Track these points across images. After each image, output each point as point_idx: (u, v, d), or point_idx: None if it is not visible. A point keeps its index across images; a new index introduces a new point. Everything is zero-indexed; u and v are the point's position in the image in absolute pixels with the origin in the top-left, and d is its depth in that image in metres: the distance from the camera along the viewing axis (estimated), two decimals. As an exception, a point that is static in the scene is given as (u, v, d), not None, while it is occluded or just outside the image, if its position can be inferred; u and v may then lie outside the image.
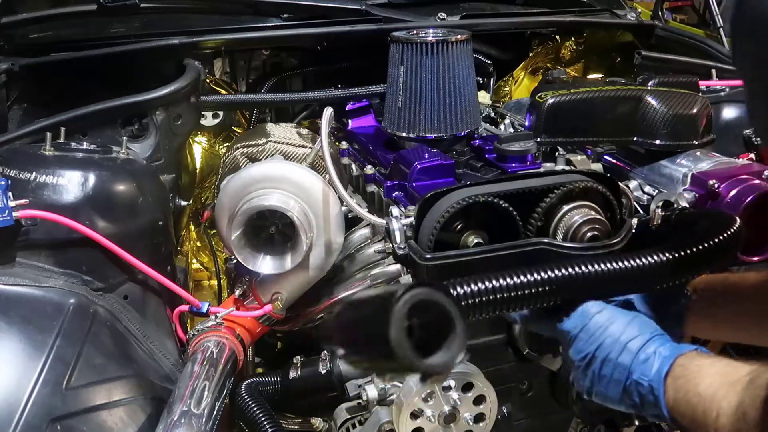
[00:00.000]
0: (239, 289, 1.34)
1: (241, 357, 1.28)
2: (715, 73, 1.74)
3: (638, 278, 0.88)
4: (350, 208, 1.25)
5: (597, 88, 1.36)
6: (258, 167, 1.30)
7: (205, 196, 1.89)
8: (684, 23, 3.69)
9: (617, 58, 2.12)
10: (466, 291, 0.84)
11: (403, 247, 1.06)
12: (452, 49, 1.36)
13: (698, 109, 1.32)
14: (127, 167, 1.28)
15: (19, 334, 1.03)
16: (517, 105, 1.67)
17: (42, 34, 1.63)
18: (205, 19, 1.71)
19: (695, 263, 0.90)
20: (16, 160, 1.21)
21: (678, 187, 1.25)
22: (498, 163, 1.28)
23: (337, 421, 1.23)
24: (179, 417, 1.02)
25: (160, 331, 1.28)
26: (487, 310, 0.85)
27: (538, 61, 2.16)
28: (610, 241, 0.96)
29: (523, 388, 1.22)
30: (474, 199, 1.03)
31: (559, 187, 1.07)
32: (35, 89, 1.53)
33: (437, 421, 1.10)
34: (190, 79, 1.48)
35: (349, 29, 1.69)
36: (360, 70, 1.81)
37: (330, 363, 1.29)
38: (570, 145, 1.36)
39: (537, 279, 0.86)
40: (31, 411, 0.95)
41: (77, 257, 1.18)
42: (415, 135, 1.38)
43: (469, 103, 1.39)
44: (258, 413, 1.21)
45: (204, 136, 1.92)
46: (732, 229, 0.93)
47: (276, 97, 1.75)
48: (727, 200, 1.16)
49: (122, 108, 1.40)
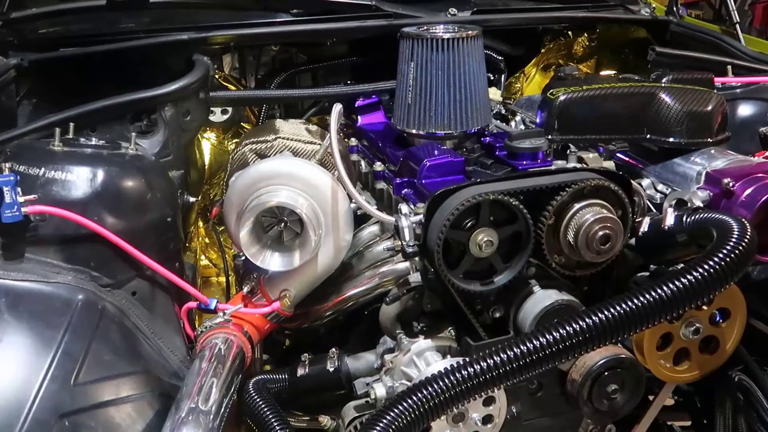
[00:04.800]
0: (247, 286, 1.34)
1: (249, 354, 1.27)
2: (731, 70, 1.71)
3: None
4: (359, 205, 1.24)
5: (609, 84, 1.34)
6: (267, 164, 1.30)
7: (214, 193, 1.89)
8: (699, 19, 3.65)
9: (630, 54, 2.10)
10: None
11: (413, 245, 1.06)
12: (463, 45, 1.34)
13: (713, 106, 1.31)
14: (135, 163, 1.28)
15: (27, 329, 1.03)
16: (528, 102, 1.66)
17: (51, 30, 1.64)
18: (215, 15, 1.70)
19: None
20: (25, 156, 1.21)
21: (692, 186, 1.24)
22: (508, 161, 1.26)
23: (345, 420, 1.22)
24: (187, 414, 1.01)
25: (168, 328, 1.27)
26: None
27: (550, 58, 2.15)
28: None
29: (533, 388, 1.21)
30: (484, 196, 1.02)
31: (570, 184, 1.06)
32: (44, 85, 1.53)
33: (446, 419, 1.09)
34: (199, 74, 1.47)
35: (359, 25, 1.68)
36: (370, 66, 1.81)
37: (338, 361, 1.29)
38: (582, 143, 1.35)
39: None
40: (39, 406, 0.96)
41: (86, 253, 1.18)
42: (425, 132, 1.37)
43: (479, 99, 1.38)
44: (266, 411, 1.20)
45: (213, 132, 1.92)
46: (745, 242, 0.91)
47: (285, 93, 1.74)
48: (741, 199, 1.14)
49: (131, 104, 1.40)
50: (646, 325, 0.91)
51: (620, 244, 1.07)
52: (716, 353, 1.16)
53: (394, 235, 1.18)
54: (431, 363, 1.12)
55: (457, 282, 1.06)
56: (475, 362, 0.88)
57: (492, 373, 0.87)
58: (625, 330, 0.90)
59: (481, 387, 0.88)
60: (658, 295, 0.88)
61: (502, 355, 0.87)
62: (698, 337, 1.14)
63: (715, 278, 0.88)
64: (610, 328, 0.88)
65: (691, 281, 0.88)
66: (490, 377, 0.87)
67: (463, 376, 0.87)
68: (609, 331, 0.89)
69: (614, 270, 1.15)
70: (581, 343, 0.88)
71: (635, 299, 0.88)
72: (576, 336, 0.87)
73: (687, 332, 1.13)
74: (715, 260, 0.89)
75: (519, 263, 1.08)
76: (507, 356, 0.87)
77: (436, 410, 0.88)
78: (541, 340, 0.87)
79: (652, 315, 0.89)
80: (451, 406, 0.88)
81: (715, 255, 0.89)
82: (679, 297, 0.88)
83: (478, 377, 0.87)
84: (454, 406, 0.89)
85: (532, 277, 1.11)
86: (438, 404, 0.87)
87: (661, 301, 0.88)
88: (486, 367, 0.87)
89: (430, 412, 0.87)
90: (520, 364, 0.87)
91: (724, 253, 0.89)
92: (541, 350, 0.87)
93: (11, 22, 1.60)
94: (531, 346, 0.87)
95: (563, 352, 0.87)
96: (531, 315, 1.08)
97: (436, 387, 0.87)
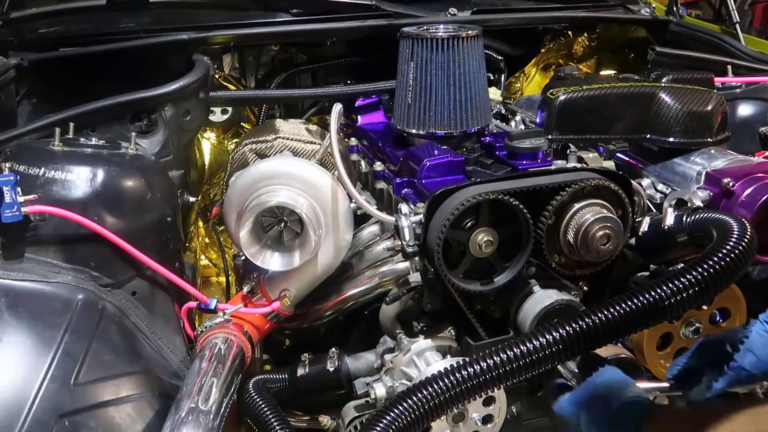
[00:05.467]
0: (247, 285, 1.34)
1: (249, 354, 1.27)
2: (731, 70, 1.71)
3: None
4: (359, 205, 1.24)
5: (609, 84, 1.34)
6: (267, 164, 1.30)
7: (214, 193, 1.89)
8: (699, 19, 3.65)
9: (630, 54, 2.10)
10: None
11: (413, 245, 1.06)
12: (463, 44, 1.34)
13: (713, 106, 1.31)
14: (135, 163, 1.28)
15: (27, 329, 1.03)
16: (528, 101, 1.66)
17: (51, 30, 1.64)
18: (214, 15, 1.70)
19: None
20: (25, 156, 1.21)
21: (692, 186, 1.24)
22: (508, 161, 1.26)
23: (345, 419, 1.22)
24: (187, 413, 1.01)
25: (168, 328, 1.27)
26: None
27: (550, 57, 2.15)
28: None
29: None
30: (484, 196, 1.02)
31: (570, 184, 1.06)
32: (44, 85, 1.53)
33: (446, 419, 1.09)
34: (199, 74, 1.47)
35: (358, 25, 1.68)
36: (370, 66, 1.81)
37: (338, 361, 1.29)
38: (582, 143, 1.35)
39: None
40: (39, 406, 0.95)
41: (86, 253, 1.18)
42: (425, 132, 1.37)
43: (479, 99, 1.38)
44: (266, 410, 1.20)
45: (213, 132, 1.92)
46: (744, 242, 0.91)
47: (285, 93, 1.74)
48: (741, 199, 1.14)
49: (131, 103, 1.40)
50: (647, 325, 0.91)
51: (620, 244, 1.07)
52: None
53: (394, 235, 1.18)
54: (431, 363, 1.12)
55: (457, 282, 1.06)
56: (476, 362, 0.88)
57: (492, 373, 0.87)
58: (625, 330, 0.90)
59: (482, 387, 0.88)
60: (659, 295, 0.88)
61: (502, 355, 0.87)
62: (698, 337, 1.14)
63: (716, 278, 0.88)
64: (611, 329, 0.88)
65: (692, 281, 0.88)
66: (490, 377, 0.87)
67: (464, 376, 0.87)
68: (609, 331, 0.89)
69: (614, 270, 1.15)
70: (581, 344, 0.88)
71: (635, 299, 0.88)
72: (576, 336, 0.87)
73: (687, 332, 1.13)
74: (715, 260, 0.89)
75: (519, 263, 1.08)
76: (507, 356, 0.87)
77: (437, 410, 0.88)
78: (541, 340, 0.87)
79: (652, 315, 0.89)
80: (452, 406, 0.88)
81: (715, 255, 0.89)
82: (679, 297, 0.88)
83: (479, 377, 0.87)
84: (454, 406, 0.89)
85: (532, 277, 1.11)
86: (438, 404, 0.87)
87: (661, 300, 0.88)
88: (486, 367, 0.87)
89: (431, 412, 0.87)
90: (520, 364, 0.87)
91: (724, 253, 0.89)
92: (541, 350, 0.87)
93: (11, 22, 1.59)
94: (531, 346, 0.87)
95: (563, 352, 0.87)
96: (531, 315, 1.08)
97: (436, 387, 0.87)
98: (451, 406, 0.89)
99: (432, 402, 0.87)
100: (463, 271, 1.07)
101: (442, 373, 0.89)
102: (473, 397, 0.89)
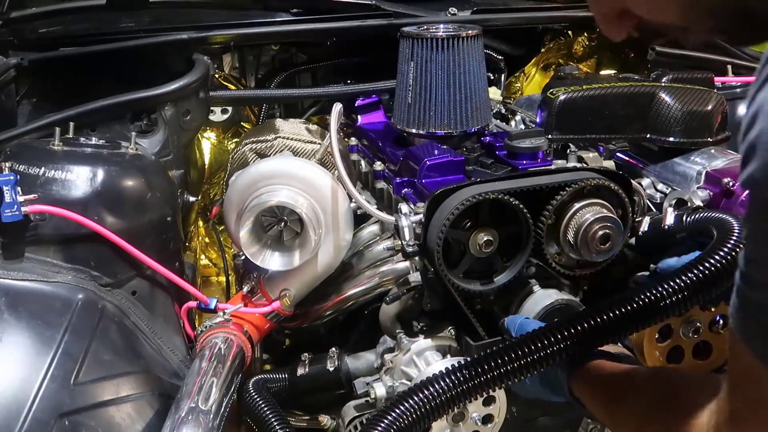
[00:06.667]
0: (247, 285, 1.34)
1: (249, 354, 1.27)
2: (731, 69, 1.71)
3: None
4: (359, 204, 1.24)
5: (609, 84, 1.34)
6: (267, 163, 1.30)
7: (214, 192, 1.89)
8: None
9: (631, 53, 2.10)
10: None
11: (413, 245, 1.06)
12: (463, 44, 1.34)
13: (713, 106, 1.31)
14: (135, 163, 1.28)
15: (27, 329, 1.03)
16: (528, 101, 1.65)
17: (51, 29, 1.63)
18: (214, 14, 1.70)
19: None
20: (25, 155, 1.21)
21: (692, 185, 1.24)
22: (508, 160, 1.26)
23: (345, 419, 1.22)
24: (187, 413, 1.01)
25: (168, 327, 1.27)
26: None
27: (550, 57, 2.14)
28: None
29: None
30: (483, 196, 1.02)
31: (570, 184, 1.06)
32: (44, 84, 1.53)
33: (446, 419, 1.09)
34: (199, 74, 1.47)
35: (358, 24, 1.68)
36: (370, 65, 1.80)
37: (338, 360, 1.29)
38: (582, 142, 1.35)
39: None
40: (39, 406, 0.95)
41: (85, 253, 1.18)
42: (425, 131, 1.37)
43: (479, 99, 1.38)
44: (266, 410, 1.20)
45: (213, 132, 1.92)
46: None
47: (285, 93, 1.74)
48: (741, 198, 1.14)
49: (131, 103, 1.40)
50: (648, 324, 0.91)
51: (620, 244, 1.07)
52: (708, 360, 1.15)
53: (394, 235, 1.18)
54: (431, 363, 1.12)
55: (457, 282, 1.06)
56: (476, 362, 0.88)
57: (492, 373, 0.87)
58: (625, 329, 0.90)
59: (482, 387, 0.88)
60: (659, 294, 0.88)
61: (502, 355, 0.87)
62: (697, 338, 1.13)
63: (716, 277, 0.88)
64: (611, 328, 0.88)
65: (693, 279, 0.88)
66: (490, 377, 0.87)
67: (464, 376, 0.87)
68: (609, 331, 0.89)
69: (614, 270, 1.15)
70: (582, 343, 0.88)
71: (635, 298, 0.88)
72: (576, 336, 0.87)
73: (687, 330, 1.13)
74: (716, 259, 0.89)
75: (519, 263, 1.08)
76: (507, 356, 0.87)
77: (438, 410, 0.88)
78: (541, 340, 0.87)
79: (652, 314, 0.89)
80: (453, 406, 0.88)
81: (716, 253, 0.89)
82: (680, 296, 0.88)
83: (479, 377, 0.87)
84: (455, 406, 0.89)
85: (532, 277, 1.11)
86: (439, 404, 0.87)
87: (662, 299, 0.88)
88: (486, 367, 0.87)
89: (432, 412, 0.87)
90: (521, 364, 0.87)
91: (724, 252, 0.89)
92: (541, 350, 0.87)
93: (11, 22, 1.59)
94: (531, 346, 0.87)
95: (563, 352, 0.87)
96: (531, 315, 1.08)
97: (437, 387, 0.87)
98: (452, 406, 0.89)
99: (433, 402, 0.87)
100: (463, 271, 1.07)
101: (443, 373, 0.89)
102: (474, 397, 0.89)
